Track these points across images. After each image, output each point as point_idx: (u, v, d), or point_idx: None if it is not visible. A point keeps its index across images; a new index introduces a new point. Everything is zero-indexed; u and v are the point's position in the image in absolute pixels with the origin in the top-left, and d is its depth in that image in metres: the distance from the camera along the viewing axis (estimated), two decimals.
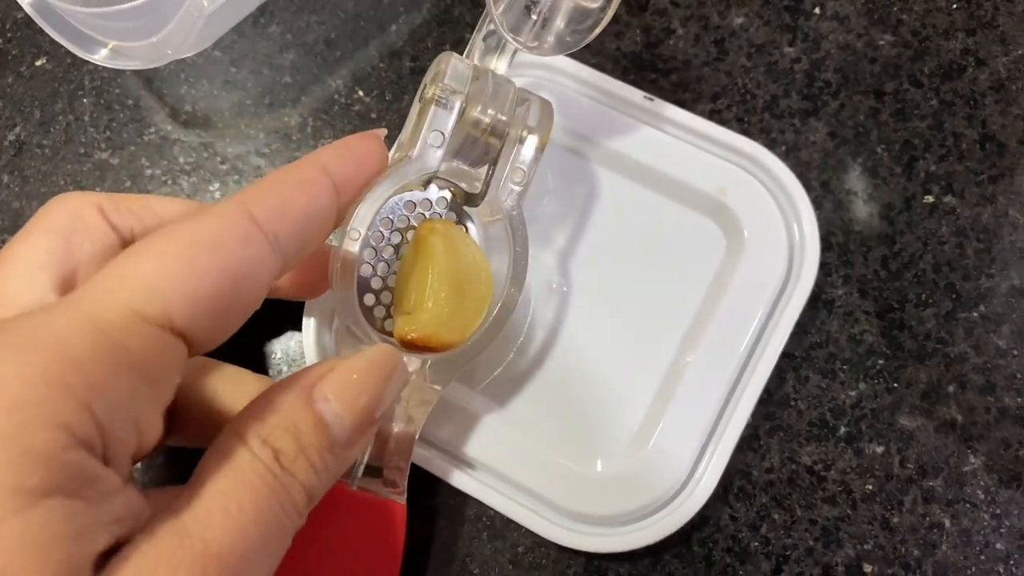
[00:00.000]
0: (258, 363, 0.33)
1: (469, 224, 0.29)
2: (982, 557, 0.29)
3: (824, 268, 0.32)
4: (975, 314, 0.31)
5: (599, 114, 0.32)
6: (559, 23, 0.27)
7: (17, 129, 0.35)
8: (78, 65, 0.36)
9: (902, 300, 0.32)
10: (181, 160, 0.35)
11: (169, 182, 0.35)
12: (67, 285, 0.23)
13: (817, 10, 0.35)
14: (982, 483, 0.30)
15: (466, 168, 0.28)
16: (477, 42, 0.28)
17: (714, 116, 0.34)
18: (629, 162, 0.32)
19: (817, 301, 0.32)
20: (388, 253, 0.28)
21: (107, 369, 0.17)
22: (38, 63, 0.36)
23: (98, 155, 0.35)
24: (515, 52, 0.28)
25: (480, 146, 0.27)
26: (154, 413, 0.19)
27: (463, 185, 0.28)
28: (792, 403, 0.31)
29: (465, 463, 0.30)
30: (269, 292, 0.22)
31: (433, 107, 0.26)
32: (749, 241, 0.30)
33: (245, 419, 0.20)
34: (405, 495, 0.26)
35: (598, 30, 0.27)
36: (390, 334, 0.27)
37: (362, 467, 0.26)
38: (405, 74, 0.35)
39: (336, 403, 0.21)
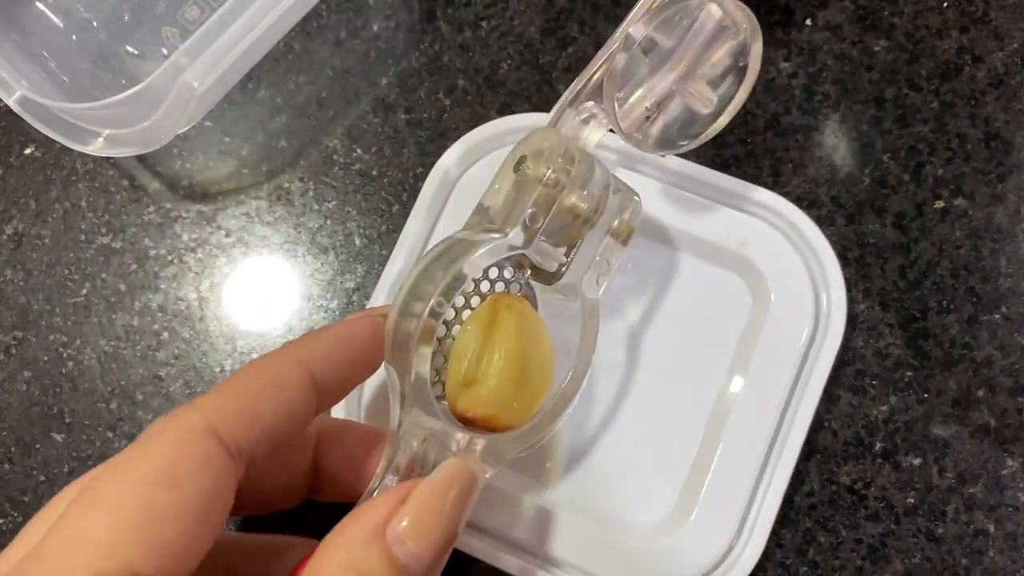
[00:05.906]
0: None
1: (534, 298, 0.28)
2: None
3: (844, 284, 0.32)
4: (997, 316, 0.31)
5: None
6: (666, 121, 0.26)
7: (14, 221, 0.35)
8: (68, 150, 0.35)
9: (923, 309, 0.32)
10: (184, 237, 0.34)
11: (175, 261, 0.34)
12: None
13: (808, 21, 0.34)
14: (1022, 485, 0.30)
15: (547, 246, 0.27)
16: (568, 113, 0.26)
17: (715, 140, 0.33)
18: (649, 222, 0.31)
19: None
20: (449, 315, 0.27)
21: None
22: (27, 151, 0.36)
23: (100, 240, 0.35)
24: (608, 130, 0.26)
25: (567, 227, 0.26)
26: None
27: (536, 258, 0.27)
28: (825, 424, 0.31)
29: (494, 537, 0.29)
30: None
31: (540, 188, 0.25)
32: (774, 292, 0.30)
33: None
34: None
35: (701, 139, 0.25)
36: (440, 398, 0.26)
37: None
38: (401, 127, 0.35)
39: (413, 544, 0.20)
